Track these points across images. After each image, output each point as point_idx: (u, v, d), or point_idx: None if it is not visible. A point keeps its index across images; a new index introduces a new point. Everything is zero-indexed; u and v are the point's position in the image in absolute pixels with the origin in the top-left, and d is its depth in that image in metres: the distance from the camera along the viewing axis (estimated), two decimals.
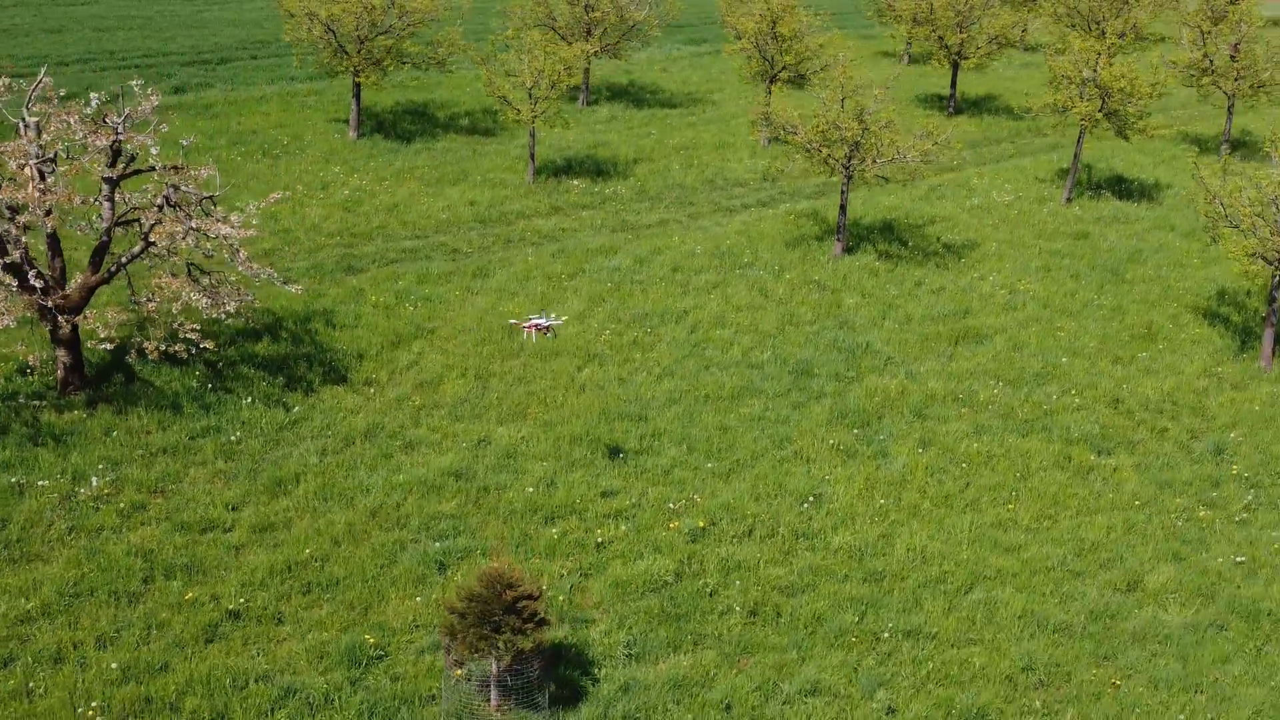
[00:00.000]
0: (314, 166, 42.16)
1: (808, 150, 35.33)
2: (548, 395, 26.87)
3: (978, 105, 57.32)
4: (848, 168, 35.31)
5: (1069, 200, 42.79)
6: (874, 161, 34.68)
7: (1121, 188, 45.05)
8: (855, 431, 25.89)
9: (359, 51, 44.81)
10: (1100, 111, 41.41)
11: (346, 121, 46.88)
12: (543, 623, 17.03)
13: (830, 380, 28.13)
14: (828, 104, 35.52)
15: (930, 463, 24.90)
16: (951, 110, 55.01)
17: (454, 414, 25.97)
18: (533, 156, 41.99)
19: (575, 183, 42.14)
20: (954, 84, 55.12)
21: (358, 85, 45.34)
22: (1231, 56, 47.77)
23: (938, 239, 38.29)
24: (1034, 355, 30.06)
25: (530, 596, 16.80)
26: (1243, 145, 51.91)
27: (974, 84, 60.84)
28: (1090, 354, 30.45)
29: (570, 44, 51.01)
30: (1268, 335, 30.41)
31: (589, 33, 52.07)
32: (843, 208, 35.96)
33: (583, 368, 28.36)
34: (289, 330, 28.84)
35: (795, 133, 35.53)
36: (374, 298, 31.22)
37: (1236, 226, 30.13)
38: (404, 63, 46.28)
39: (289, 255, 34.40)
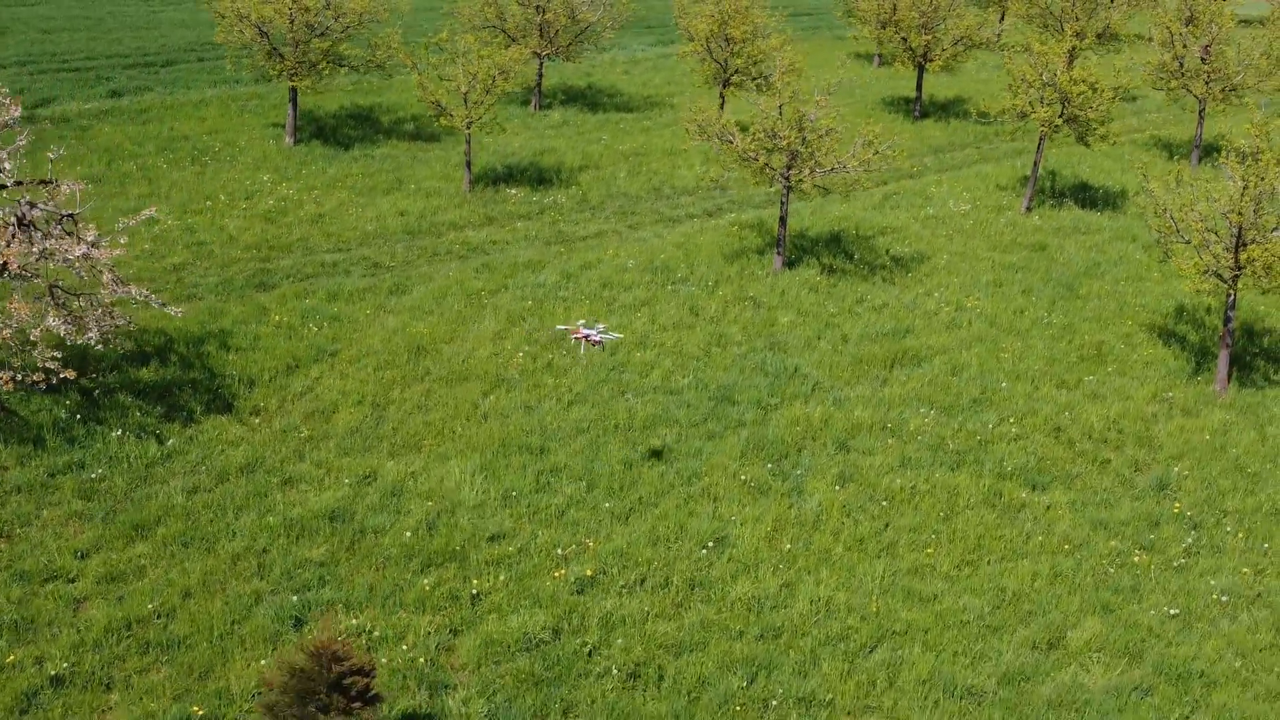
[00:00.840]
0: (243, 174, 40.42)
1: (744, 159, 33.56)
2: (446, 425, 25.13)
3: (945, 109, 55.56)
4: (786, 178, 33.56)
5: (1028, 209, 41.04)
6: (812, 171, 32.92)
7: (1085, 195, 43.30)
8: (770, 466, 24.14)
9: (295, 54, 43.06)
10: (1060, 117, 39.66)
11: (284, 127, 45.12)
12: (375, 699, 15.30)
13: (751, 408, 26.37)
14: (765, 111, 33.76)
15: (848, 501, 23.16)
16: (917, 114, 53.27)
17: (343, 446, 24.23)
18: (468, 165, 40.24)
19: (514, 192, 40.40)
20: (919, 87, 53.36)
21: (294, 90, 43.60)
22: (1202, 59, 45.99)
23: (886, 251, 36.54)
24: (973, 379, 28.31)
25: (360, 672, 15.06)
26: (1215, 151, 50.10)
27: (943, 86, 59.08)
28: (1034, 377, 28.70)
29: (517, 46, 49.34)
30: (1223, 357, 28.67)
31: (540, 34, 50.34)
32: (782, 219, 34.21)
33: (489, 393, 26.62)
34: (179, 354, 27.09)
35: (731, 141, 33.76)
36: (277, 317, 29.48)
37: (1188, 242, 28.36)
38: (341, 66, 44.50)
39: (199, 270, 32.67)
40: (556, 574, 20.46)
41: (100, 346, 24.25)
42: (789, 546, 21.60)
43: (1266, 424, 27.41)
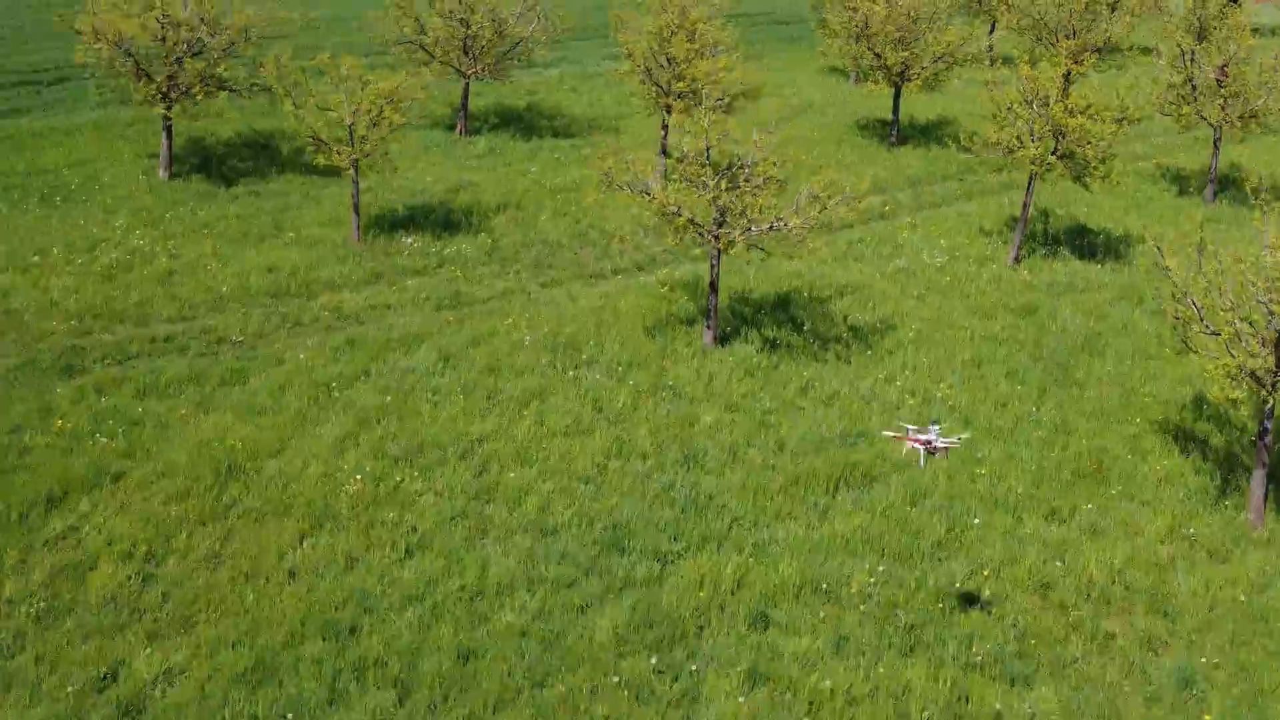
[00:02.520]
0: (94, 218, 34.29)
1: (664, 215, 27.36)
2: (235, 590, 18.97)
3: (927, 132, 49.28)
4: (716, 237, 27.36)
5: (1016, 261, 34.87)
6: (744, 231, 26.74)
7: (1084, 242, 37.10)
8: (657, 658, 17.94)
9: (165, 77, 36.94)
10: (1054, 153, 33.49)
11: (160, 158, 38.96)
12: None
13: (645, 559, 20.19)
14: (692, 155, 27.56)
15: (757, 713, 16.97)
16: (894, 140, 47.06)
17: (84, 627, 18.06)
18: (356, 209, 34.06)
19: (411, 240, 34.22)
20: (896, 109, 47.15)
21: (168, 117, 37.45)
22: (1218, 80, 39.79)
23: (844, 318, 30.34)
24: (938, 509, 22.12)
25: None
26: (1232, 184, 43.91)
27: (926, 106, 52.77)
28: (1017, 505, 22.51)
29: (425, 69, 43.28)
30: (1257, 480, 22.49)
31: (465, 52, 44.18)
32: (713, 286, 28.02)
33: (307, 536, 20.45)
34: None
35: (645, 193, 27.56)
36: (63, 421, 23.34)
37: (1215, 333, 22.17)
38: (221, 90, 38.33)
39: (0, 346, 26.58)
40: None
41: None
42: None
43: None
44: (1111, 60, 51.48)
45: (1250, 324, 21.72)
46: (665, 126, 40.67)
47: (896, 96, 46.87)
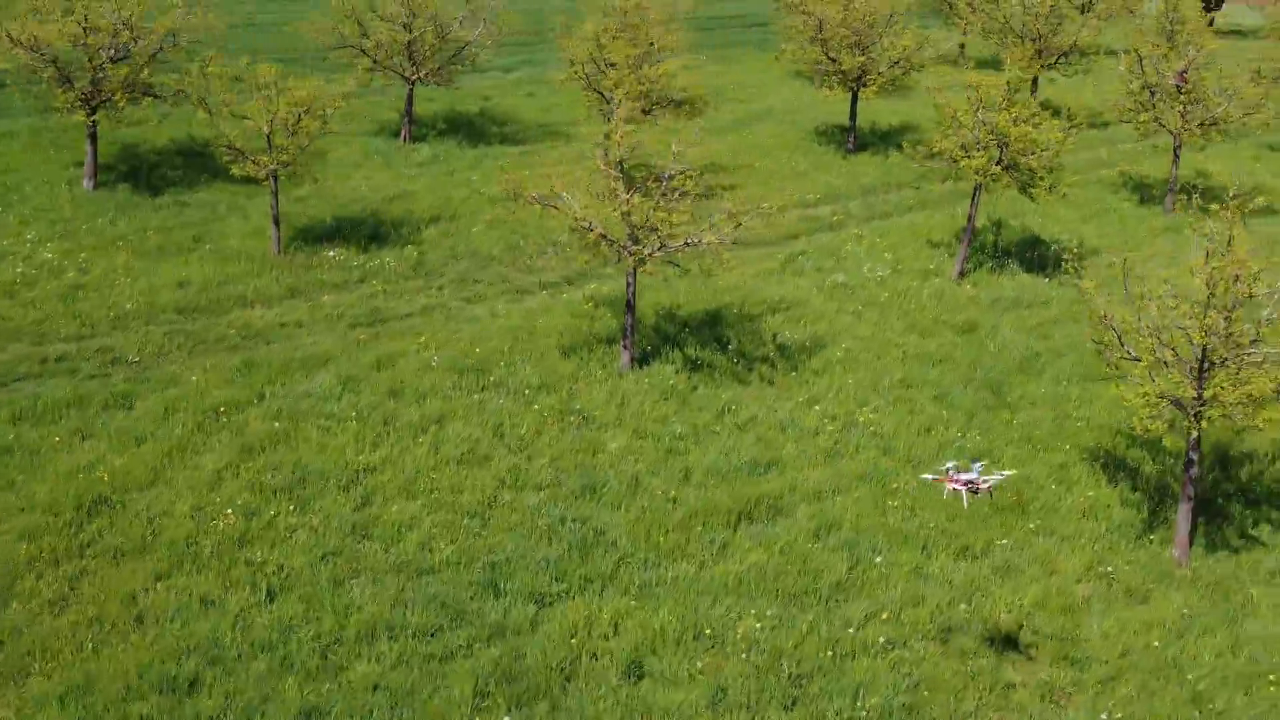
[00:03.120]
0: (7, 230, 33.11)
1: (576, 230, 26.16)
2: (77, 636, 17.78)
3: (887, 138, 47.96)
4: (631, 253, 26.14)
5: (961, 275, 33.64)
6: (655, 250, 25.53)
7: (1034, 254, 35.86)
8: (514, 716, 16.70)
9: (92, 82, 35.77)
10: (998, 164, 32.27)
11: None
12: None
13: (521, 602, 18.97)
14: (606, 169, 26.35)
15: None
16: (851, 146, 45.84)
17: None
18: (276, 221, 32.86)
19: (334, 253, 33.00)
20: (853, 115, 45.92)
21: (93, 124, 36.27)
22: (1177, 86, 38.54)
23: (774, 337, 29.12)
24: (842, 546, 20.88)
25: None
26: (1197, 192, 42.55)
27: (888, 112, 51.39)
28: (928, 541, 21.28)
29: (366, 71, 42.21)
30: (1183, 514, 21.28)
31: (409, 56, 42.97)
32: (630, 305, 26.81)
33: (164, 577, 19.26)
34: None
35: (553, 206, 26.36)
36: None
37: (1136, 360, 20.93)
38: (146, 96, 37.11)
39: None
40: None
41: None
42: None
43: (1241, 616, 19.98)
44: (1079, 65, 50.17)
45: (1174, 350, 20.49)
46: (607, 134, 39.34)
47: (853, 102, 45.64)
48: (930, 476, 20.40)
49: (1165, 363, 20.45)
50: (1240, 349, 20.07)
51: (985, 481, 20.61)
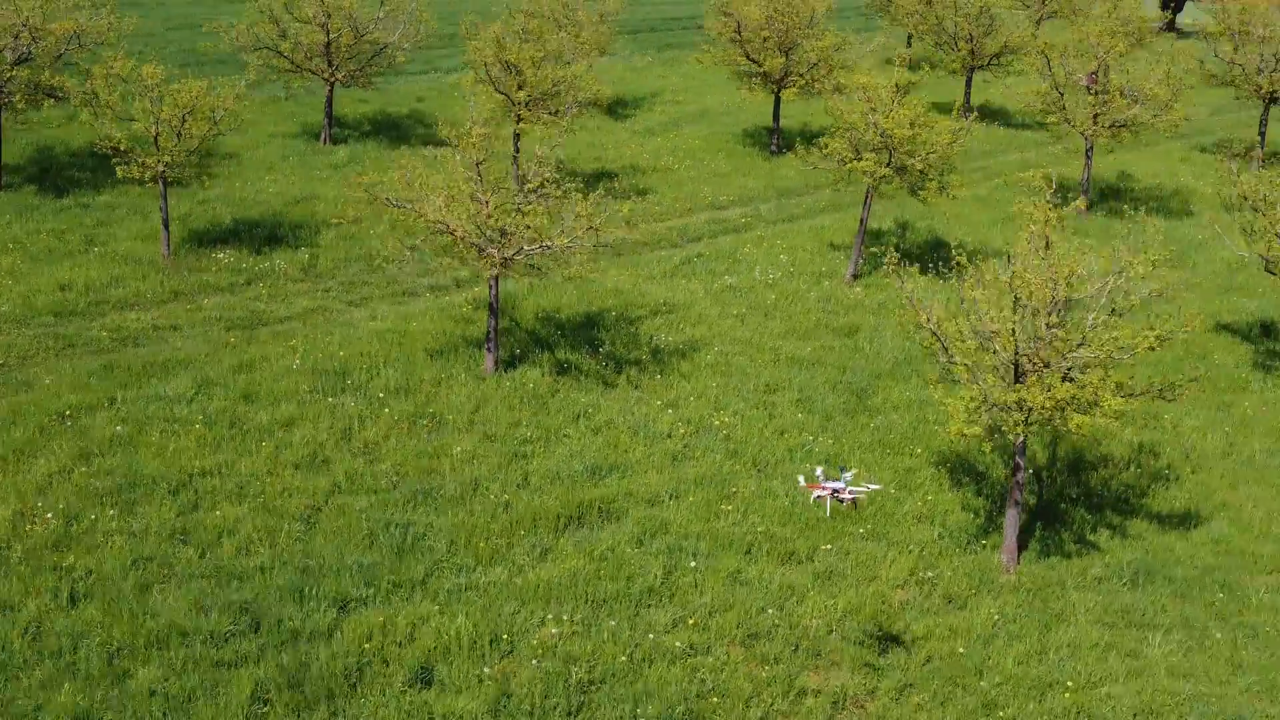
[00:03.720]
0: None
1: (435, 233, 26.09)
2: None
3: (814, 140, 47.73)
4: (487, 256, 26.05)
5: (855, 277, 33.53)
6: (515, 252, 25.48)
7: (938, 257, 35.72)
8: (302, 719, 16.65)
9: None
10: (888, 165, 32.17)
11: None
12: None
13: (325, 607, 18.88)
14: (464, 172, 26.29)
15: None
16: (774, 148, 45.75)
17: None
18: (165, 223, 32.78)
19: (223, 256, 32.93)
20: (776, 117, 45.87)
21: None
22: (1088, 87, 38.42)
23: (650, 340, 29.03)
24: (664, 551, 20.77)
25: None
26: (1115, 195, 42.55)
27: (819, 114, 51.19)
28: (752, 545, 21.15)
29: (299, 74, 42.27)
30: (1010, 520, 21.16)
31: (327, 58, 42.93)
32: (493, 308, 26.74)
33: None
34: None
35: (409, 208, 26.30)
36: None
37: (953, 365, 20.82)
38: (49, 97, 37.07)
39: None
40: None
41: None
42: None
43: (1058, 620, 19.85)
44: (1009, 68, 50.03)
45: (995, 353, 20.37)
46: (516, 136, 39.34)
47: (776, 104, 45.57)
48: (803, 480, 21.30)
49: (982, 368, 20.32)
50: (1062, 354, 19.94)
51: (851, 491, 20.77)
